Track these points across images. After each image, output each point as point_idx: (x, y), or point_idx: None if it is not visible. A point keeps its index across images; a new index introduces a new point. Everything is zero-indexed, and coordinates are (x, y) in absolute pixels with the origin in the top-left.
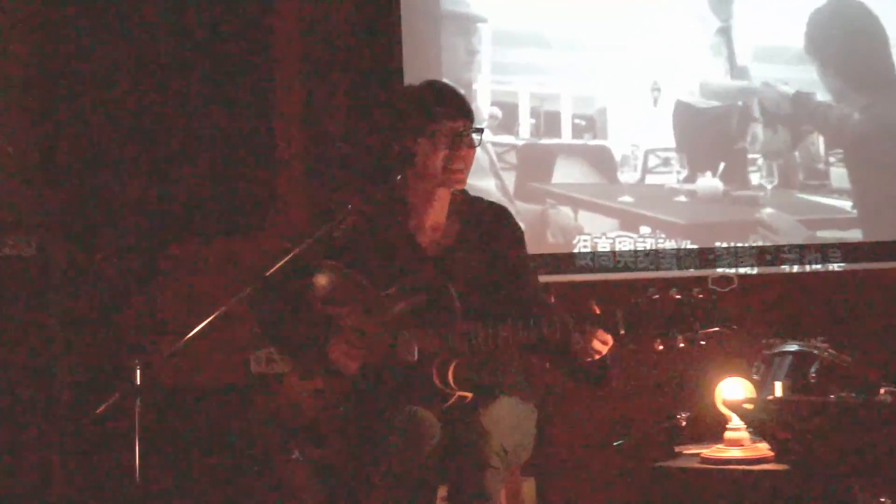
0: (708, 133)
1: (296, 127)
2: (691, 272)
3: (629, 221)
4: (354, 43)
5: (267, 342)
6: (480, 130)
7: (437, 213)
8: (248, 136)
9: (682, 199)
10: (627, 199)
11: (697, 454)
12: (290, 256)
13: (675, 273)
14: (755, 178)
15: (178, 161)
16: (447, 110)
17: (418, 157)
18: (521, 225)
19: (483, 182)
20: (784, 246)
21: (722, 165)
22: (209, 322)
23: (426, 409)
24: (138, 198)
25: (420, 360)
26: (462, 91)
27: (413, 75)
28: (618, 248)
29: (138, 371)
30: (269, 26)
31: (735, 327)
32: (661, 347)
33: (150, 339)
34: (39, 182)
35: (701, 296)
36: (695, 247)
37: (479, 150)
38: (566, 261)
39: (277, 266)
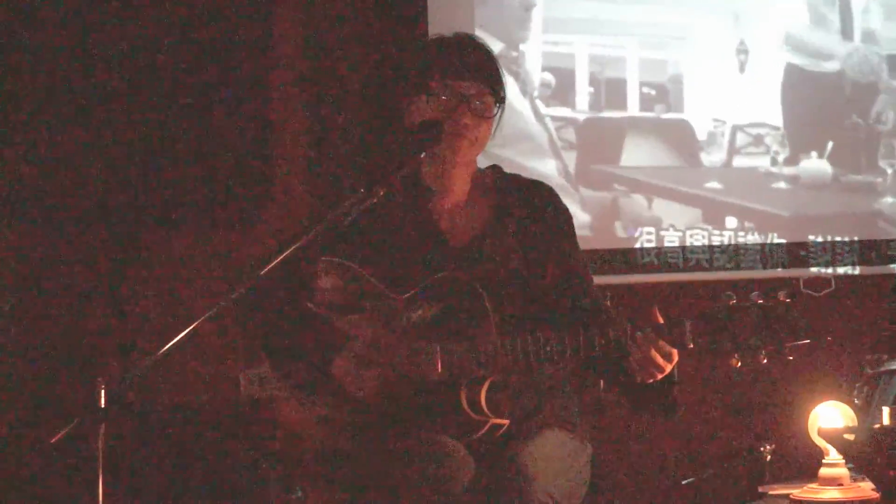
0: (811, 106)
1: (295, 110)
2: (779, 272)
3: (714, 212)
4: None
5: (260, 358)
6: (500, 99)
7: (457, 193)
8: (239, 116)
9: (782, 185)
10: (715, 184)
11: (786, 495)
12: (287, 253)
13: (759, 273)
14: (872, 161)
15: (155, 145)
16: (455, 67)
17: (414, 119)
18: (571, 210)
19: (543, 164)
20: (892, 241)
21: (830, 145)
22: (189, 333)
23: (454, 439)
24: (105, 182)
25: (446, 379)
26: (490, 49)
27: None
28: (689, 242)
29: (103, 391)
30: (267, 8)
31: (831, 339)
32: (739, 364)
33: (118, 352)
34: None
35: (789, 300)
36: (781, 241)
37: (538, 125)
38: (624, 258)
39: (272, 265)
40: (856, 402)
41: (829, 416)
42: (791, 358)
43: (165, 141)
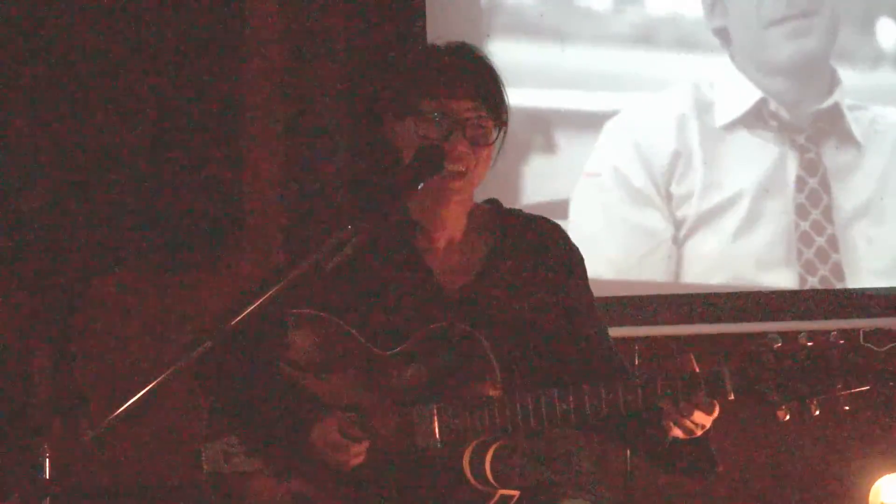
0: None
1: (269, 139)
2: (832, 323)
3: None
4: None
5: (225, 428)
6: (501, 122)
7: (451, 231)
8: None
9: None
10: None
11: None
12: (258, 303)
13: (810, 324)
14: None
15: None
16: (449, 83)
17: (400, 145)
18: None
19: None
20: None
21: None
22: (144, 395)
23: None
24: (47, 218)
25: (444, 445)
26: (491, 61)
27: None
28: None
29: (47, 461)
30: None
31: (892, 384)
32: (787, 417)
33: (63, 416)
34: None
35: (843, 342)
36: (839, 286)
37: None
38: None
39: (240, 317)
40: None
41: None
42: (847, 408)
43: (117, 170)
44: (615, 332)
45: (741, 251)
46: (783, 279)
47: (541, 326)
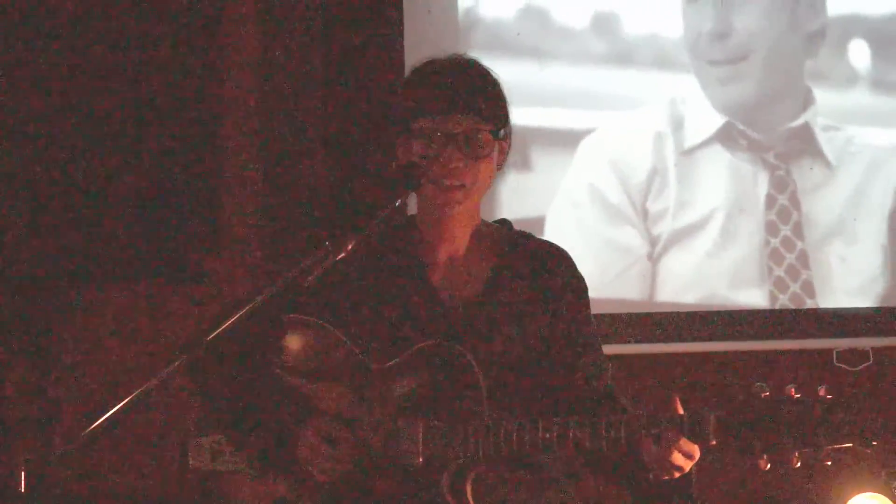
0: None
1: (249, 150)
2: (806, 343)
3: None
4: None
5: (214, 425)
6: (499, 134)
7: (455, 246)
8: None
9: None
10: None
11: None
12: (247, 309)
13: (788, 343)
14: None
15: (87, 186)
16: (441, 99)
17: (399, 161)
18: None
19: None
20: None
21: None
22: (120, 409)
23: None
24: (27, 229)
25: (427, 465)
26: (490, 71)
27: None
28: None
29: (23, 473)
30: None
31: (876, 444)
32: (768, 467)
33: (41, 428)
34: None
35: (830, 396)
36: (810, 303)
37: None
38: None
39: (227, 324)
40: None
41: None
42: (829, 463)
43: (95, 183)
44: None
45: (714, 269)
46: (755, 297)
47: (536, 353)
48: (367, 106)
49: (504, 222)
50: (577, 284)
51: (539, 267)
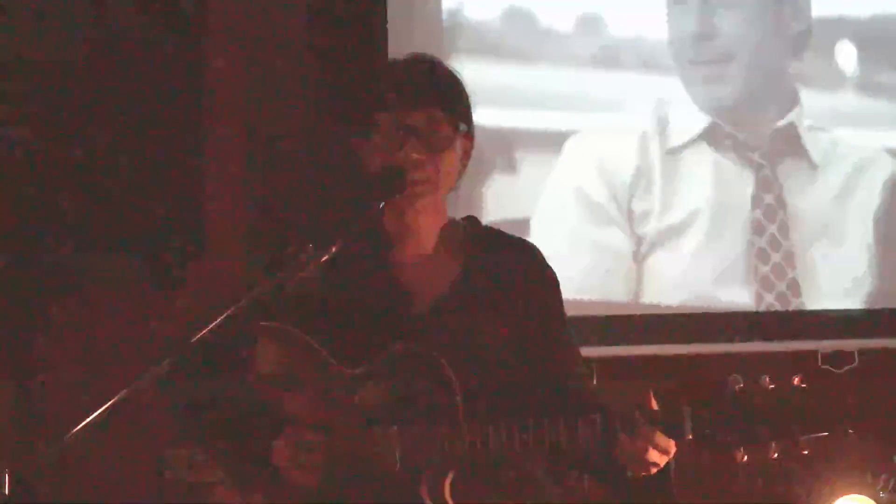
0: None
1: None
2: (791, 344)
3: None
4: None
5: (189, 436)
6: (460, 126)
7: (422, 244)
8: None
9: None
10: None
11: None
12: (222, 318)
13: (771, 346)
14: None
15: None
16: (401, 94)
17: (364, 161)
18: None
19: None
20: None
21: None
22: (106, 410)
23: None
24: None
25: (403, 469)
26: (451, 68)
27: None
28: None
29: (6, 481)
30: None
31: (852, 432)
32: (745, 459)
33: (24, 432)
34: None
35: (804, 385)
36: (796, 302)
37: None
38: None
39: (204, 331)
40: (881, 495)
41: None
42: (806, 453)
43: (76, 190)
44: None
45: (700, 268)
46: (741, 296)
47: (507, 352)
48: (352, 109)
49: (470, 219)
50: (548, 282)
51: (507, 264)
